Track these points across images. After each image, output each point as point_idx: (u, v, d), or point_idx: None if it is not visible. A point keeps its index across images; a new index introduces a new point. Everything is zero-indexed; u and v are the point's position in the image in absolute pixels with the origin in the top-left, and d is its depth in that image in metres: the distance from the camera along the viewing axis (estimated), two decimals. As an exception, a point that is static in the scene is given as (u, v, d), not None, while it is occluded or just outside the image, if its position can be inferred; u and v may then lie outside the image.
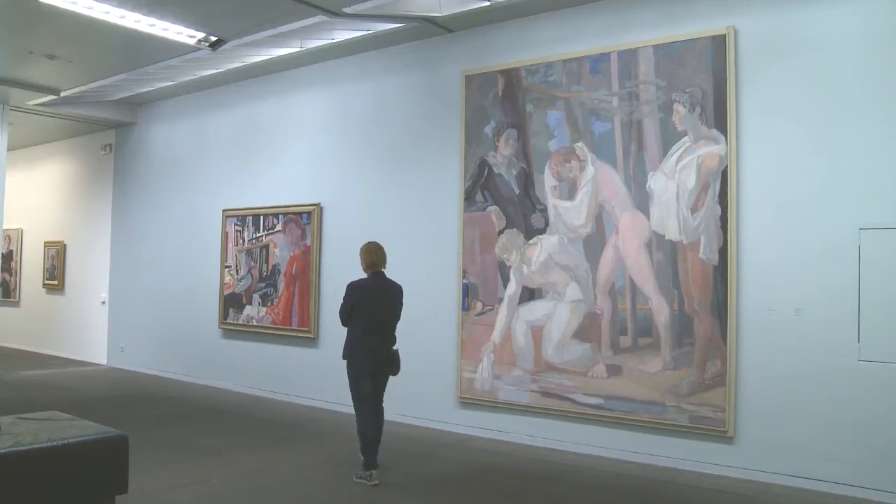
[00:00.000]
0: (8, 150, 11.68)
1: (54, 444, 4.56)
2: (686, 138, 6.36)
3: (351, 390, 6.13)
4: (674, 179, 6.39)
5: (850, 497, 5.50)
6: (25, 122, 12.39)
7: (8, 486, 4.25)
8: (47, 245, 14.35)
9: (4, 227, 11.74)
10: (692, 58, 6.34)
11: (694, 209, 6.28)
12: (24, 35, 8.62)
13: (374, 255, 6.24)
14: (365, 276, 6.26)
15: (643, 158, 6.59)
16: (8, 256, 14.83)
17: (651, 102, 6.56)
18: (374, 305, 6.09)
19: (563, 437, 6.95)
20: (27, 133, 13.53)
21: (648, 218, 6.53)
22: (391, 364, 6.15)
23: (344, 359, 6.15)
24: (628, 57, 6.70)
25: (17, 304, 15.03)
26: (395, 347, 6.20)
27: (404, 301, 6.31)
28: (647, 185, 6.54)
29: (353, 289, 6.13)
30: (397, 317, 6.24)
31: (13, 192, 12.80)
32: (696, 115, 6.30)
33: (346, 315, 6.12)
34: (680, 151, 6.38)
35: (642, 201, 6.57)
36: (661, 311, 6.41)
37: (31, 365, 12.64)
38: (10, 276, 15.08)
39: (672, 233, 6.39)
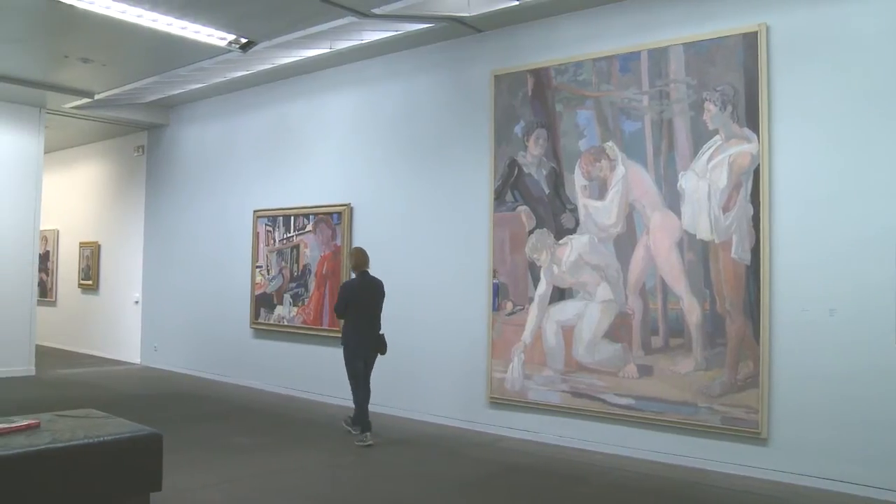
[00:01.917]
0: (44, 152, 11.87)
1: (90, 441, 4.64)
2: (717, 137, 6.30)
3: (346, 369, 7.41)
4: (705, 178, 6.33)
5: (888, 502, 5.42)
6: (61, 124, 12.59)
7: (46, 481, 4.34)
8: (82, 246, 14.57)
9: (41, 228, 11.91)
10: (723, 56, 6.28)
11: (725, 208, 6.22)
12: (60, 40, 8.76)
13: (360, 258, 7.54)
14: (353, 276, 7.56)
15: (674, 157, 6.54)
16: (45, 257, 15.07)
17: (681, 101, 6.51)
18: (364, 300, 7.39)
19: (593, 437, 6.92)
20: (62, 136, 13.75)
21: (679, 217, 6.48)
22: (379, 345, 7.42)
23: (342, 344, 7.44)
24: (658, 55, 6.65)
25: (53, 303, 15.27)
26: (381, 332, 7.46)
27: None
28: (678, 185, 6.49)
29: (347, 288, 7.50)
30: (381, 307, 7.52)
31: (49, 194, 12.99)
32: (727, 114, 6.24)
33: (342, 310, 7.40)
34: (711, 150, 6.33)
35: (673, 201, 6.52)
36: (692, 311, 6.37)
37: (67, 363, 12.84)
38: (47, 276, 15.31)
39: (703, 232, 6.34)
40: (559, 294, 7.21)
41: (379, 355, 7.46)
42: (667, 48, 6.60)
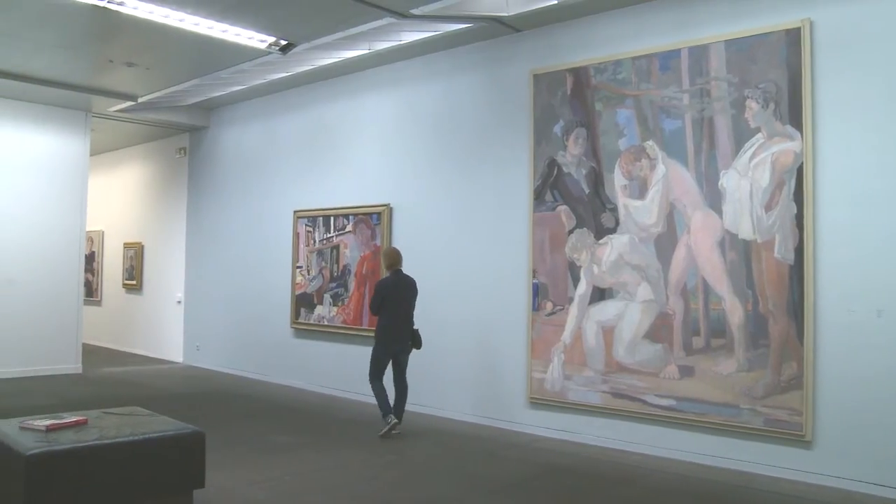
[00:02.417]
0: (90, 155, 12.10)
1: (136, 438, 4.73)
2: (759, 135, 6.21)
3: (371, 364, 7.61)
4: (747, 177, 6.25)
5: (936, 505, 5.32)
6: (105, 127, 12.83)
7: (92, 476, 4.44)
8: (126, 246, 14.82)
9: (87, 229, 12.14)
10: (765, 52, 6.19)
11: (768, 207, 6.13)
12: (105, 45, 8.93)
13: (393, 257, 7.81)
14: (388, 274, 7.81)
15: (715, 156, 6.46)
16: (90, 257, 15.34)
17: (723, 99, 6.43)
18: (398, 297, 7.62)
19: (633, 438, 6.87)
20: (107, 138, 14.00)
21: (721, 217, 6.40)
22: (415, 341, 7.69)
23: (375, 339, 7.67)
24: (699, 53, 6.58)
25: (98, 303, 15.55)
26: (415, 328, 7.71)
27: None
28: (720, 184, 6.41)
29: (382, 286, 7.70)
30: (414, 304, 7.77)
31: (95, 196, 13.24)
32: (769, 112, 6.15)
33: (377, 307, 7.62)
34: (753, 148, 6.24)
35: (714, 200, 6.45)
36: (734, 312, 6.29)
37: (112, 362, 13.07)
38: (93, 276, 15.60)
39: (745, 232, 6.26)
40: (599, 294, 7.17)
41: (414, 350, 7.72)
42: (707, 45, 6.52)
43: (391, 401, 7.59)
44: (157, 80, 10.36)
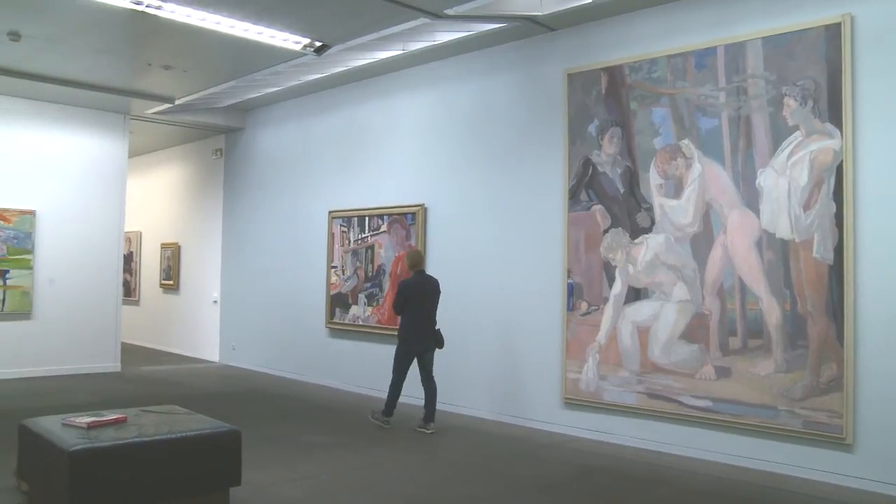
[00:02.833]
0: (128, 156, 12.28)
1: (174, 435, 4.81)
2: (797, 133, 6.13)
3: (395, 362, 7.81)
4: (785, 176, 6.17)
5: (981, 509, 5.21)
6: (143, 129, 13.01)
7: (132, 472, 4.53)
8: (163, 247, 15.01)
9: (125, 229, 12.31)
10: (804, 49, 6.10)
11: (806, 206, 6.05)
12: (143, 49, 9.06)
13: (416, 258, 8.00)
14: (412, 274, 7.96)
15: (752, 155, 6.39)
16: (129, 258, 15.56)
17: (760, 97, 6.35)
18: (421, 297, 7.75)
19: (669, 439, 6.82)
20: (144, 140, 14.20)
21: (758, 216, 6.32)
22: (437, 341, 7.80)
23: (399, 339, 7.85)
24: (735, 50, 6.51)
25: (137, 302, 15.77)
26: (437, 328, 7.84)
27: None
28: (757, 183, 6.34)
29: (406, 286, 7.82)
30: (437, 304, 7.90)
31: (133, 197, 13.43)
32: (808, 109, 6.07)
33: (400, 306, 7.78)
34: (791, 147, 6.16)
35: (751, 199, 6.37)
36: (772, 312, 6.21)
37: (150, 361, 13.25)
38: (131, 276, 15.82)
39: (783, 231, 6.18)
40: (634, 294, 7.13)
41: (437, 349, 7.87)
42: (744, 43, 6.45)
43: (421, 403, 7.78)
44: (193, 82, 10.48)
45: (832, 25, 5.94)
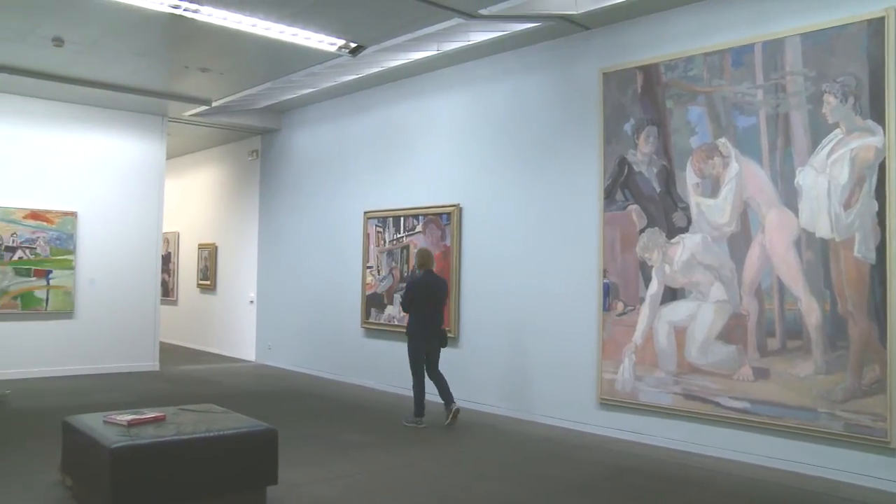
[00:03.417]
0: (166, 158, 12.45)
1: (211, 434, 4.86)
2: (837, 130, 6.04)
3: (410, 362, 8.03)
4: (824, 174, 6.08)
5: None
6: (181, 131, 13.18)
7: (170, 470, 4.59)
8: (201, 247, 15.18)
9: (163, 230, 12.49)
10: (844, 44, 6.01)
11: (847, 205, 5.95)
12: (181, 52, 9.18)
13: (424, 258, 8.20)
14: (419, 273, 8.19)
15: (791, 153, 6.30)
16: (167, 258, 15.77)
17: (799, 94, 6.26)
18: (428, 296, 7.96)
19: (706, 441, 6.75)
20: (182, 142, 14.38)
21: (797, 215, 6.24)
22: (442, 339, 8.06)
23: (407, 337, 8.07)
24: (773, 47, 6.43)
25: (175, 302, 15.96)
26: (443, 327, 8.15)
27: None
28: (796, 181, 6.25)
29: (414, 285, 8.07)
30: (444, 303, 8.19)
31: (170, 198, 13.59)
32: (848, 106, 5.97)
33: (408, 304, 8.01)
34: (831, 144, 6.07)
35: (790, 198, 6.29)
36: (811, 313, 6.12)
37: (188, 360, 13.41)
38: (169, 276, 16.02)
39: (823, 230, 6.08)
40: (671, 294, 7.07)
41: (441, 348, 8.11)
42: (783, 39, 6.36)
43: (438, 396, 8.04)
44: (230, 84, 10.60)
45: (875, 20, 5.84)
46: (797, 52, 6.27)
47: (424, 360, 8.02)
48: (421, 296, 7.94)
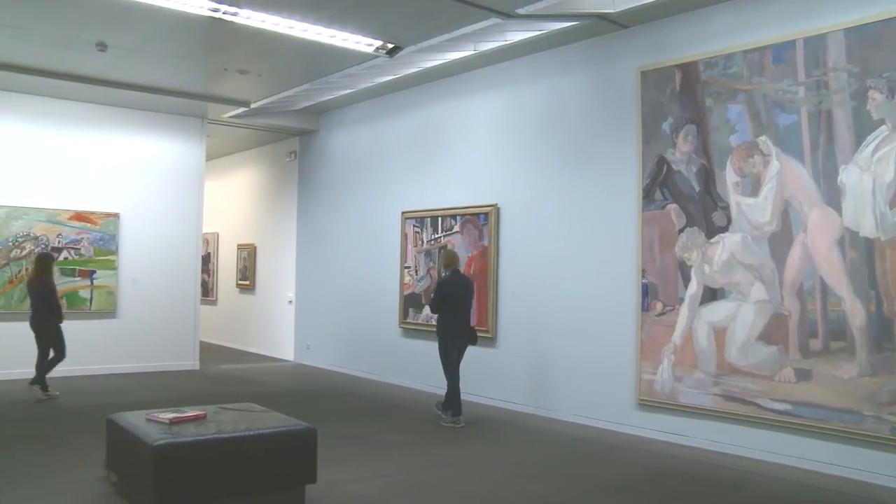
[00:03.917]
0: (205, 160, 12.60)
1: (252, 432, 4.91)
2: (883, 127, 5.91)
3: (442, 358, 8.12)
4: (869, 172, 5.97)
5: None
6: (220, 133, 13.33)
7: (211, 467, 4.64)
8: (240, 247, 15.33)
9: (203, 231, 12.64)
10: (891, 39, 5.87)
11: (893, 204, 5.83)
12: (220, 54, 9.30)
13: (451, 258, 8.38)
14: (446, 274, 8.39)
15: (833, 151, 6.20)
16: (206, 258, 15.94)
17: (842, 91, 6.15)
18: (458, 296, 8.10)
19: (746, 443, 6.66)
20: (221, 143, 14.53)
21: (840, 214, 6.13)
22: (471, 337, 8.21)
23: (438, 336, 8.17)
24: (816, 43, 6.32)
25: (214, 302, 16.14)
26: (472, 325, 8.28)
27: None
28: (839, 179, 6.14)
29: (444, 285, 8.22)
30: (472, 302, 8.34)
31: (210, 199, 13.73)
32: (894, 102, 5.86)
33: (438, 304, 8.14)
34: (876, 142, 5.95)
35: (833, 196, 6.18)
36: (855, 313, 6.01)
37: (227, 359, 13.56)
38: (209, 276, 16.20)
39: (867, 229, 5.97)
40: (710, 294, 7.00)
41: (470, 345, 8.24)
42: (825, 35, 6.26)
43: (444, 391, 8.20)
44: (268, 86, 10.70)
45: (920, 15, 5.72)
46: (840, 47, 6.16)
47: (456, 358, 8.12)
48: (449, 296, 8.07)
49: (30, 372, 9.15)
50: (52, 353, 9.09)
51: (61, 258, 10.88)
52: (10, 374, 10.18)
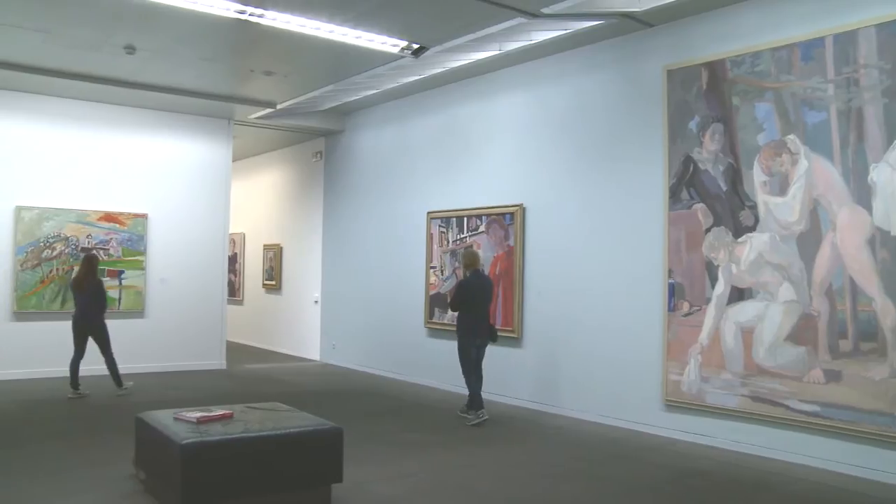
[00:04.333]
0: (232, 161, 12.69)
1: (278, 432, 4.94)
2: (914, 125, 5.84)
3: (460, 355, 8.26)
4: (900, 171, 5.89)
5: None
6: (246, 134, 13.42)
7: (239, 466, 4.68)
8: (266, 248, 15.43)
9: (230, 231, 12.73)
10: (921, 37, 5.80)
11: (924, 202, 5.75)
12: (246, 56, 9.37)
13: (472, 258, 8.45)
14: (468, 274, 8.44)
15: (863, 149, 6.12)
16: (233, 259, 16.04)
17: (873, 88, 6.07)
18: (478, 295, 8.22)
19: (774, 444, 6.59)
20: (247, 144, 14.63)
21: (870, 213, 6.04)
22: (492, 335, 8.34)
23: (458, 332, 8.34)
24: (846, 40, 6.24)
25: (241, 302, 16.25)
26: (492, 323, 8.41)
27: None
28: (869, 178, 6.06)
29: (465, 285, 8.32)
30: (491, 301, 8.48)
31: (236, 200, 13.83)
32: (925, 100, 5.77)
33: (458, 304, 8.27)
34: (908, 140, 5.87)
35: (863, 195, 6.10)
36: (887, 314, 5.93)
37: (254, 359, 13.65)
38: (235, 276, 16.31)
39: (899, 228, 5.90)
40: (738, 294, 6.94)
41: (490, 343, 8.37)
42: (855, 31, 6.17)
43: (467, 391, 8.29)
44: (294, 87, 10.75)
45: (952, 11, 5.64)
46: (872, 43, 6.08)
47: (474, 355, 8.23)
48: (470, 296, 8.18)
49: (57, 371, 9.33)
50: (73, 353, 9.26)
51: (91, 258, 11.01)
52: (41, 372, 10.33)
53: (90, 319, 9.27)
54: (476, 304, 8.19)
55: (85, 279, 9.31)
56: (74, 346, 9.26)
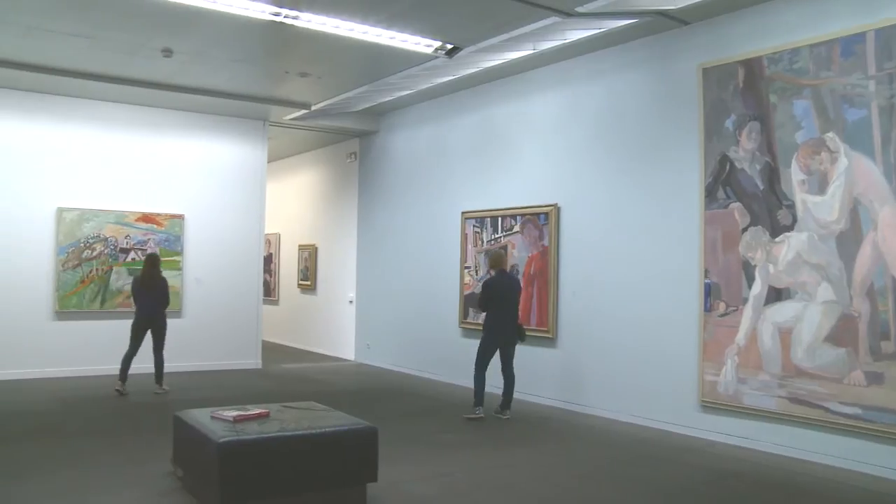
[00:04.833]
0: (267, 162, 12.80)
1: (314, 431, 4.98)
2: (958, 122, 5.72)
3: (479, 353, 8.39)
4: (943, 168, 5.77)
5: None
6: (281, 135, 13.53)
7: (275, 465, 4.72)
8: (301, 248, 15.53)
9: (265, 232, 12.84)
10: (964, 33, 5.69)
11: (968, 201, 5.64)
12: (281, 58, 9.45)
13: (498, 258, 8.63)
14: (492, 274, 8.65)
15: (906, 147, 6.01)
16: (268, 259, 16.19)
17: (915, 85, 5.97)
18: (504, 295, 8.29)
19: (813, 447, 6.49)
20: (282, 145, 14.75)
21: (913, 211, 5.94)
22: (520, 334, 8.38)
23: (483, 329, 8.45)
24: (888, 35, 6.12)
25: (276, 302, 16.38)
26: (519, 323, 8.43)
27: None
28: (911, 176, 5.96)
29: (491, 285, 8.39)
30: (518, 300, 8.49)
31: (271, 200, 13.93)
32: (969, 97, 5.66)
33: (485, 304, 8.37)
34: (950, 137, 5.76)
35: (905, 194, 6.00)
36: (929, 314, 5.82)
37: (289, 359, 13.75)
38: (271, 276, 16.45)
39: (942, 227, 5.78)
40: (775, 294, 6.85)
41: (519, 343, 8.45)
42: (897, 27, 6.06)
43: (500, 390, 8.43)
44: (328, 88, 10.82)
45: None
46: (912, 40, 5.97)
47: (493, 355, 8.38)
48: (497, 296, 8.27)
49: (97, 369, 9.47)
50: (127, 348, 9.49)
51: (129, 259, 11.18)
52: (82, 370, 10.51)
53: (158, 315, 9.64)
54: (502, 303, 8.26)
55: (153, 278, 9.61)
56: (131, 341, 9.51)
